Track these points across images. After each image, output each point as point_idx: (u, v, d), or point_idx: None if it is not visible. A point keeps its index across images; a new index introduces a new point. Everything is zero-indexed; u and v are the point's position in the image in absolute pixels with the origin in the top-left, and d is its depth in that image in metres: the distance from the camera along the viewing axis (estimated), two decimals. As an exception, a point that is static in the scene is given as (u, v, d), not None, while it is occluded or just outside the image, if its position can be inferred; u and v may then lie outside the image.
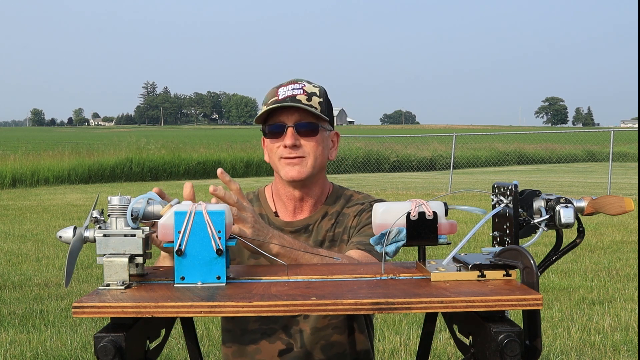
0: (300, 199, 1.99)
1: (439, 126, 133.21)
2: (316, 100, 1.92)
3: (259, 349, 1.94)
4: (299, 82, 1.95)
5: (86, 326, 4.98)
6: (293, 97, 1.90)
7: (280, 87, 1.95)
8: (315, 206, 2.00)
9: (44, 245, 8.59)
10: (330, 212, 2.00)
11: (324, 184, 2.03)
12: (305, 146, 1.92)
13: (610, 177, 15.45)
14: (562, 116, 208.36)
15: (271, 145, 1.95)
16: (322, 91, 1.96)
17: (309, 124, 1.92)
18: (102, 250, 1.31)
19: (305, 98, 1.90)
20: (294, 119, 1.91)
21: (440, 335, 4.60)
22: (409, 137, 27.87)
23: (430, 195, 14.86)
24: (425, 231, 1.37)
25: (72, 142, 40.51)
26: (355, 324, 1.98)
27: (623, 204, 1.40)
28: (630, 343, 4.60)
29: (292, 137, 1.90)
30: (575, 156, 32.14)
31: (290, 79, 1.99)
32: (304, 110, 1.90)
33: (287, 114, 1.91)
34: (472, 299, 1.18)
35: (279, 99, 1.91)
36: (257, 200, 2.07)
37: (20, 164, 20.28)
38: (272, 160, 1.97)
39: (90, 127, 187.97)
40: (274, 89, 1.96)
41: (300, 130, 1.91)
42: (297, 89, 1.92)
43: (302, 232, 1.97)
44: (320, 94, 1.94)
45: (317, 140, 1.94)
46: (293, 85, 1.93)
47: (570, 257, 7.37)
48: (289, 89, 1.92)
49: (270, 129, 1.94)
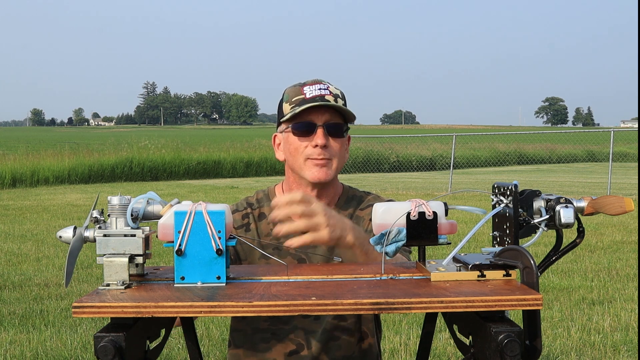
0: (316, 199, 1.99)
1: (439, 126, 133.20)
2: (340, 102, 1.91)
3: (269, 348, 1.94)
4: (324, 83, 1.93)
5: (86, 326, 4.98)
6: (322, 96, 1.88)
7: (304, 85, 1.92)
8: (328, 207, 2.00)
9: (44, 245, 8.59)
10: (344, 214, 1.97)
11: (337, 185, 2.02)
12: (333, 147, 1.90)
13: (610, 177, 15.44)
14: (562, 116, 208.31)
15: (298, 143, 1.90)
16: (343, 94, 1.96)
17: (337, 124, 1.90)
18: (102, 250, 1.31)
19: (332, 99, 1.88)
20: (324, 119, 1.89)
21: (440, 335, 4.60)
22: (409, 137, 27.87)
23: (430, 195, 14.85)
24: (425, 231, 1.37)
25: (72, 142, 40.50)
26: (365, 327, 1.97)
27: (623, 204, 1.40)
28: (630, 343, 4.60)
29: (324, 137, 1.87)
30: (575, 156, 32.14)
31: (314, 78, 1.96)
32: (333, 111, 1.89)
33: (316, 113, 1.88)
34: (472, 299, 1.18)
35: (307, 97, 1.88)
36: (268, 199, 2.03)
37: (20, 164, 20.28)
38: (296, 160, 1.92)
39: (90, 127, 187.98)
40: (297, 87, 1.93)
41: (329, 130, 1.89)
42: (323, 89, 1.90)
43: None
44: (342, 96, 1.94)
45: (343, 141, 1.93)
46: (319, 85, 1.91)
47: (570, 257, 7.37)
48: (316, 88, 1.90)
49: (298, 127, 1.90)
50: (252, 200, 2.05)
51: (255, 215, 2.00)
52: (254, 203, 2.03)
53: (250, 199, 2.06)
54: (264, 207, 2.01)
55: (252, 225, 1.99)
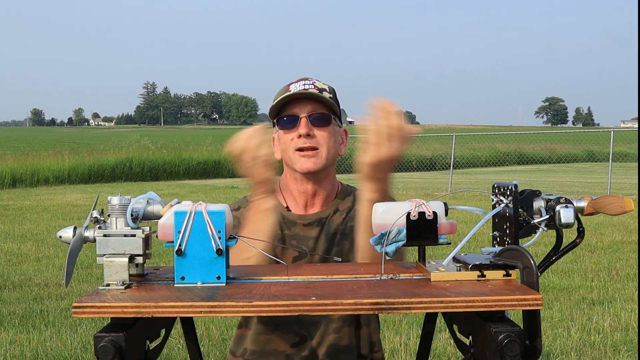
0: (313, 194, 2.00)
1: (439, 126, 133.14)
2: (327, 95, 1.95)
3: (273, 339, 1.97)
4: (309, 79, 1.98)
5: (86, 326, 4.98)
6: (305, 90, 1.93)
7: (290, 84, 1.98)
8: (327, 201, 2.02)
9: (44, 245, 8.59)
10: (342, 208, 2.01)
11: (334, 180, 2.05)
12: (318, 136, 1.94)
13: (610, 177, 15.44)
14: (562, 116, 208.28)
15: (285, 137, 1.95)
16: (332, 89, 2.00)
17: (321, 114, 1.94)
18: (102, 250, 1.31)
19: (317, 92, 1.93)
20: (307, 110, 1.93)
21: (440, 335, 4.60)
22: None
23: (430, 195, 14.85)
24: (425, 231, 1.37)
25: (72, 142, 40.50)
26: (360, 316, 2.00)
27: (623, 204, 1.40)
28: (630, 343, 4.60)
29: (306, 127, 1.92)
30: (575, 156, 32.14)
31: (298, 78, 2.01)
32: (316, 102, 1.93)
33: (300, 105, 1.94)
34: (472, 299, 1.18)
35: (291, 93, 1.93)
36: None
37: (20, 164, 20.28)
38: (286, 154, 1.97)
39: (90, 127, 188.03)
40: (284, 87, 1.99)
41: (313, 120, 1.93)
42: (308, 84, 1.95)
43: (315, 225, 1.98)
44: (329, 90, 1.98)
45: (330, 131, 1.96)
46: (304, 81, 1.97)
47: (570, 257, 7.37)
48: (300, 84, 1.95)
49: (283, 121, 1.95)
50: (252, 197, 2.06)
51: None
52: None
53: (249, 197, 2.07)
54: None
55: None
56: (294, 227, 1.98)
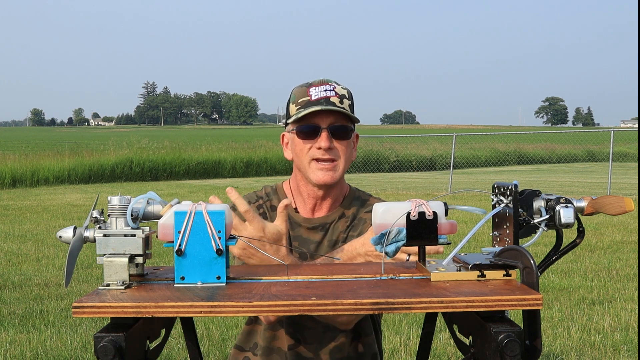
0: (322, 198, 2.00)
1: (439, 126, 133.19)
2: (347, 103, 1.92)
3: (277, 337, 1.98)
4: (330, 84, 1.93)
5: (86, 326, 4.98)
6: (327, 99, 1.89)
7: (310, 86, 1.93)
8: (333, 206, 2.02)
9: (44, 245, 8.59)
10: (347, 215, 2.01)
11: (343, 185, 2.05)
12: (337, 149, 1.92)
13: (610, 177, 15.44)
14: (562, 116, 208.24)
15: (302, 145, 1.93)
16: (350, 93, 1.97)
17: (342, 127, 1.92)
18: (102, 250, 1.31)
19: (338, 100, 1.90)
20: (329, 122, 1.90)
21: (440, 335, 4.60)
22: (409, 137, 27.85)
23: (430, 195, 14.85)
24: (425, 231, 1.37)
25: (72, 142, 40.50)
26: (360, 326, 1.98)
27: (623, 204, 1.40)
28: (630, 343, 4.60)
29: (327, 140, 1.89)
30: (575, 156, 32.12)
31: (320, 78, 1.97)
32: (338, 113, 1.90)
33: (321, 115, 1.90)
34: (472, 299, 1.18)
35: (312, 99, 1.89)
36: (275, 193, 2.07)
37: (20, 164, 20.28)
38: (300, 160, 1.94)
39: (90, 127, 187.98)
40: (303, 88, 1.94)
41: (334, 132, 1.91)
42: (329, 91, 1.91)
43: (318, 230, 1.99)
44: (349, 96, 1.95)
45: (348, 143, 1.95)
46: (325, 86, 1.92)
47: (570, 257, 7.37)
48: (321, 90, 1.91)
49: (303, 129, 1.92)
50: (261, 194, 2.09)
51: (268, 206, 2.04)
52: (263, 196, 2.07)
53: (259, 193, 2.09)
54: (273, 200, 2.05)
55: (267, 215, 2.02)
56: (298, 228, 1.99)
